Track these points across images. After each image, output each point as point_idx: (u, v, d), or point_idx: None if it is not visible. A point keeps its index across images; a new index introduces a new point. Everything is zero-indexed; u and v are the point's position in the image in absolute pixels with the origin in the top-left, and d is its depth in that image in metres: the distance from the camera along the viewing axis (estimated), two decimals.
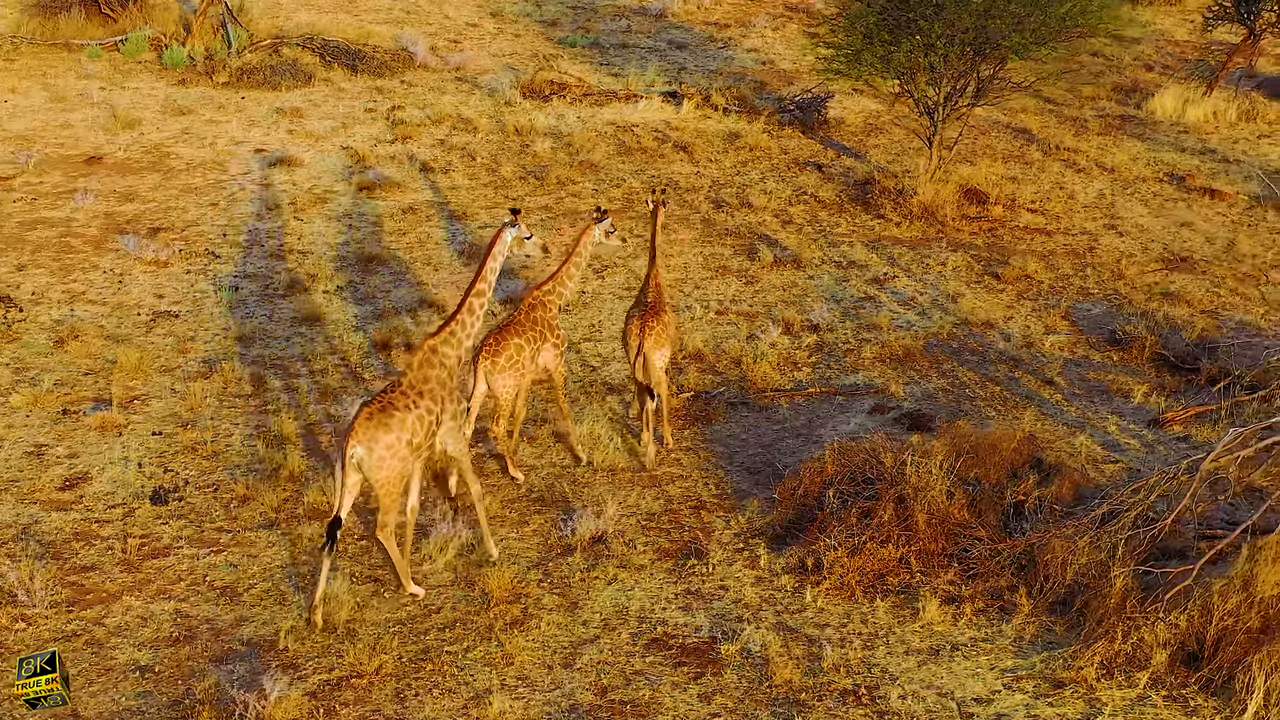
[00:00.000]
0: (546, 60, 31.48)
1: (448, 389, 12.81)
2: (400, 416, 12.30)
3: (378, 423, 12.20)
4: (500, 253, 13.37)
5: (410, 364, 12.69)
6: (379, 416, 12.23)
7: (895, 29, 22.29)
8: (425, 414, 12.51)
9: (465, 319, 12.96)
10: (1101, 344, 18.18)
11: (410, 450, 12.38)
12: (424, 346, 12.76)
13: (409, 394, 12.47)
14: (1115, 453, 15.56)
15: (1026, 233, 22.05)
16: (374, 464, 12.16)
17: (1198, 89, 28.36)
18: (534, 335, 14.56)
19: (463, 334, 12.95)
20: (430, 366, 12.68)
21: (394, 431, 12.22)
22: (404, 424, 12.30)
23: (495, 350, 14.28)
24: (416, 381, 12.59)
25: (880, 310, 19.08)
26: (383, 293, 19.17)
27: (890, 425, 16.13)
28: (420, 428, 12.45)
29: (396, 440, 12.23)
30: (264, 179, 23.43)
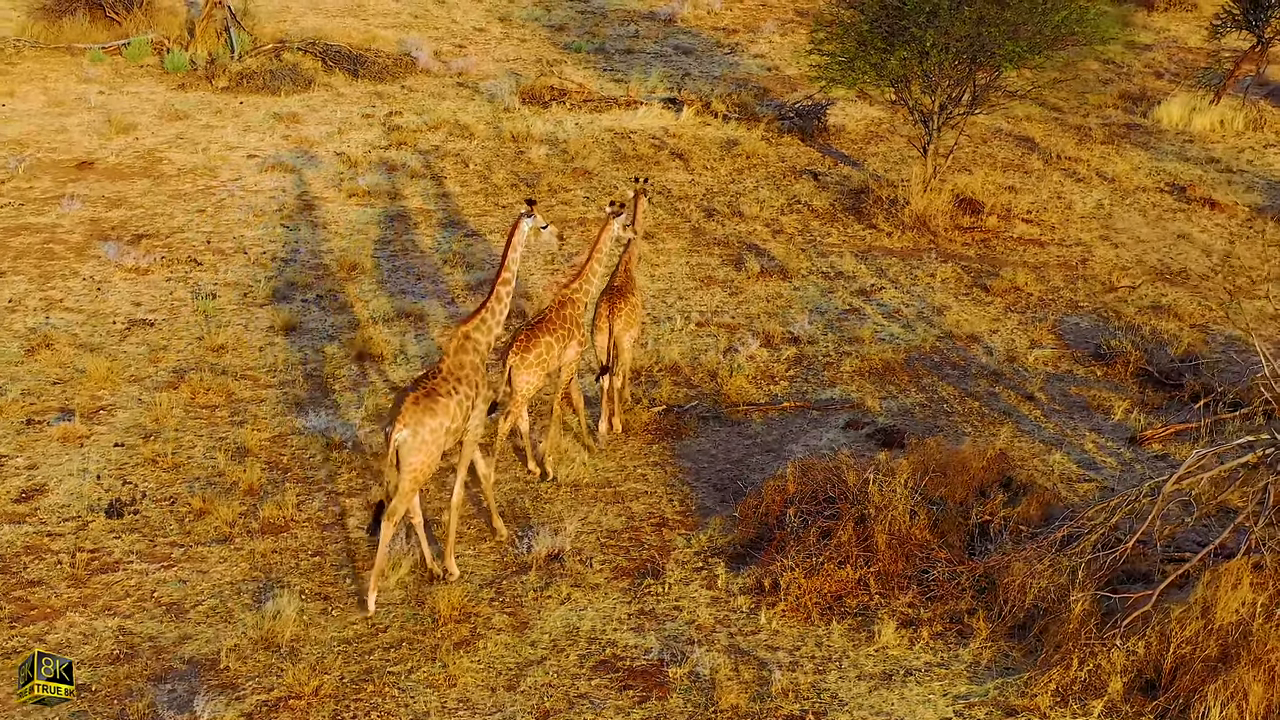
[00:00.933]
0: (550, 66, 31.27)
1: (480, 374, 13.20)
2: (444, 402, 12.65)
3: (424, 408, 12.52)
4: (519, 243, 13.67)
5: (447, 350, 13.03)
6: (425, 402, 12.56)
7: (889, 36, 21.98)
8: (464, 399, 12.90)
9: (495, 306, 13.38)
10: (1086, 358, 17.89)
11: (447, 436, 12.70)
12: (459, 334, 13.12)
13: (449, 380, 12.82)
14: (1090, 471, 15.27)
15: (1020, 243, 21.74)
16: (415, 446, 12.43)
17: (1205, 97, 27.96)
18: (564, 333, 14.88)
19: (493, 320, 13.36)
20: (465, 353, 13.08)
21: (438, 417, 12.56)
22: (446, 410, 12.65)
23: (526, 347, 14.54)
24: (454, 368, 12.94)
25: (864, 323, 18.81)
26: (362, 302, 18.98)
27: (863, 441, 15.87)
28: (459, 413, 12.84)
29: (439, 426, 12.56)
30: (254, 185, 23.27)
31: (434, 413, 12.54)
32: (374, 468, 15.04)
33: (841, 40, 22.61)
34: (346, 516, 14.14)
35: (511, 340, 14.52)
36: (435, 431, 12.54)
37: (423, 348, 17.78)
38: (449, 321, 18.52)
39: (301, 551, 13.58)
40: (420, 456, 12.51)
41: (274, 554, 13.49)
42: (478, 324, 13.25)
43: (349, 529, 13.95)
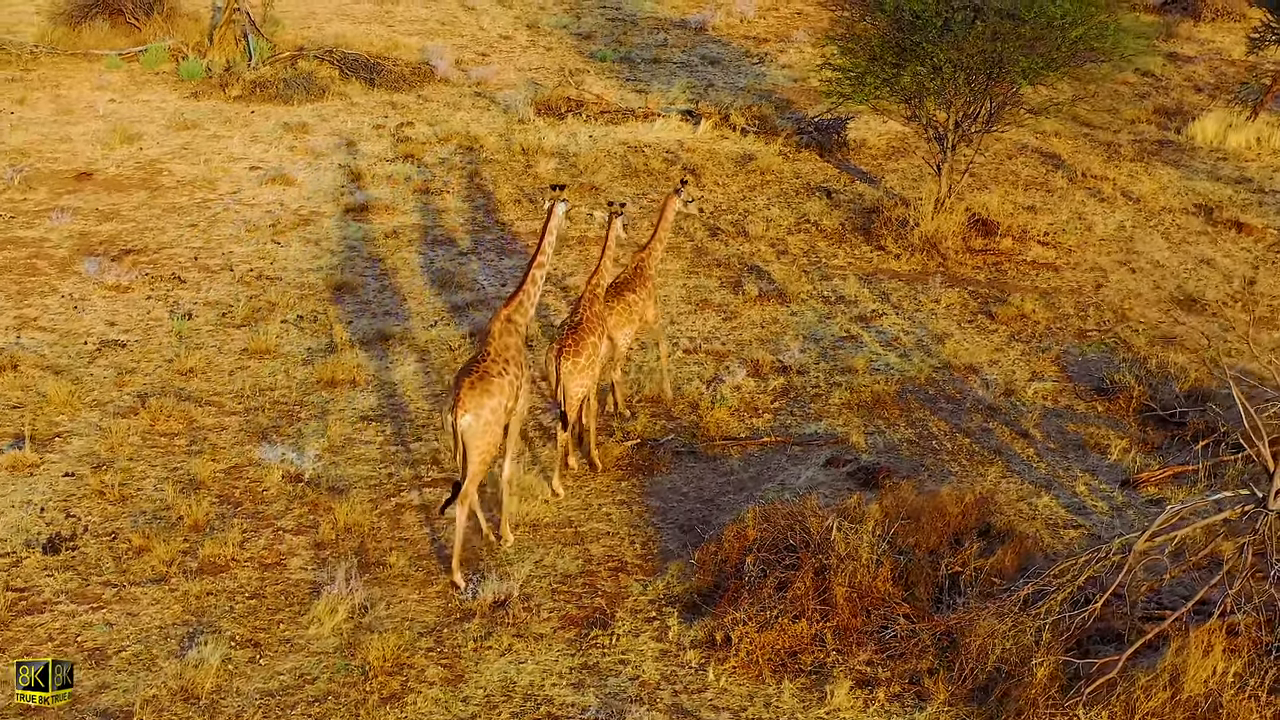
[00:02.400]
0: (572, 75, 30.65)
1: (523, 354, 13.67)
2: (498, 382, 13.09)
3: (481, 390, 12.96)
4: (555, 226, 14.23)
5: (492, 333, 13.43)
6: (480, 384, 12.99)
7: (901, 51, 21.20)
8: (513, 379, 13.29)
9: (530, 289, 13.83)
10: (1088, 393, 17.09)
11: (504, 415, 13.15)
12: (500, 317, 13.58)
13: (498, 361, 13.22)
14: (1078, 516, 14.50)
15: (1033, 267, 20.93)
16: (480, 429, 12.88)
17: (1241, 113, 26.96)
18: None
19: (529, 303, 13.81)
20: (509, 335, 13.50)
21: (495, 397, 13.02)
22: (501, 389, 13.11)
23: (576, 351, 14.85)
24: (500, 350, 13.34)
25: (859, 351, 18.08)
26: (343, 323, 18.38)
27: (842, 480, 15.17)
28: (511, 392, 13.25)
29: (498, 405, 13.02)
30: (252, 198, 22.78)
31: (490, 393, 12.98)
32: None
33: (853, 54, 21.76)
34: (291, 556, 13.56)
35: (559, 348, 14.66)
36: (495, 411, 13.02)
37: (399, 374, 17.14)
38: (428, 345, 17.90)
39: (238, 594, 12.99)
40: (486, 438, 12.97)
41: (209, 596, 12.92)
42: (516, 306, 13.69)
43: (291, 570, 13.36)
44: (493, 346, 13.36)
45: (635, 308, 15.94)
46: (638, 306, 15.97)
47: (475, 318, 18.63)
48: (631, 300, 15.91)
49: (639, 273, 16.27)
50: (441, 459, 15.40)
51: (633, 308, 15.91)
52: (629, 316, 15.86)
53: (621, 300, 15.80)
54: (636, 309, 15.95)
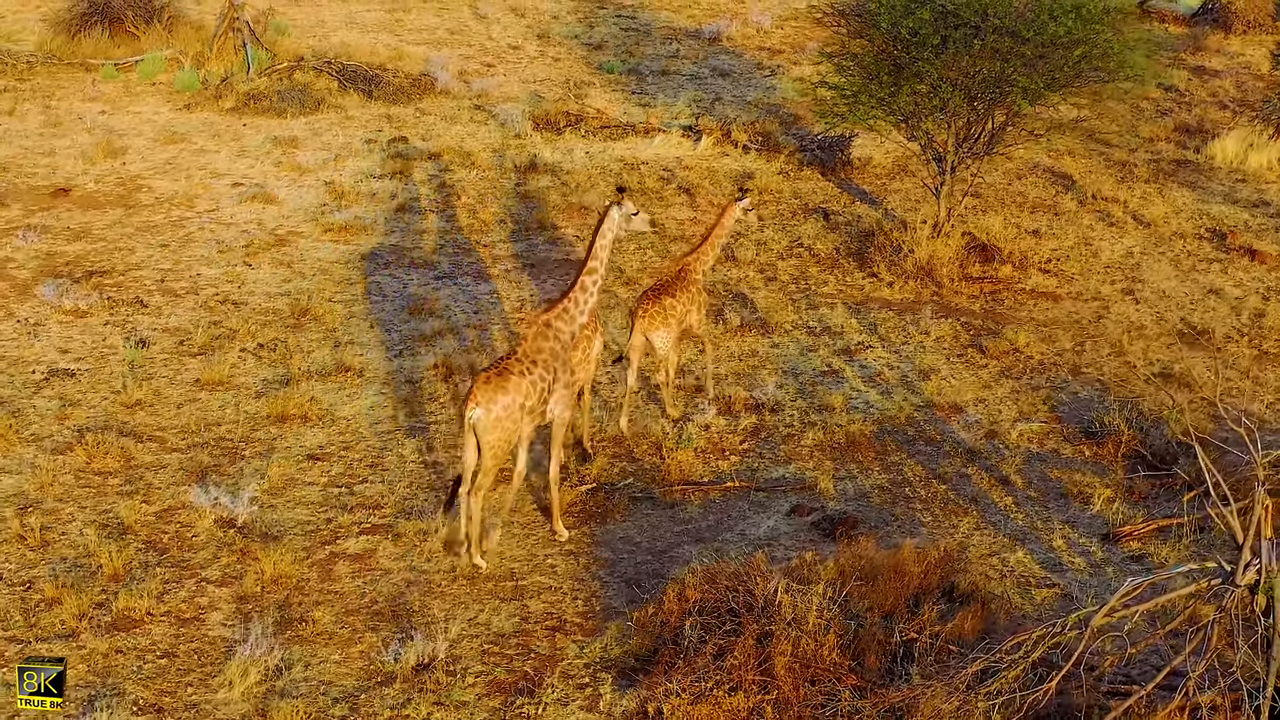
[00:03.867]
0: (577, 87, 29.91)
1: (560, 360, 13.66)
2: (516, 381, 13.14)
3: (495, 385, 13.05)
4: (609, 230, 14.07)
5: (526, 335, 13.54)
6: (496, 380, 13.10)
7: (897, 70, 20.29)
8: (538, 380, 13.33)
9: (578, 296, 13.77)
10: (1076, 435, 16.15)
11: (522, 414, 13.22)
12: (539, 321, 13.62)
13: (523, 361, 13.32)
14: (1053, 573, 13.60)
15: (1032, 297, 19.99)
16: (490, 424, 12.98)
17: (1264, 132, 25.88)
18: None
19: (575, 310, 13.74)
20: (544, 339, 13.52)
21: (510, 394, 13.07)
22: (519, 388, 13.14)
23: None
24: (531, 351, 13.42)
25: (839, 387, 17.21)
26: (303, 353, 17.63)
27: (805, 531, 14.33)
28: (533, 392, 13.29)
29: (511, 402, 13.06)
30: (229, 217, 22.09)
31: (505, 390, 13.03)
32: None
33: (848, 73, 20.86)
34: (211, 610, 12.78)
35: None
36: (508, 409, 13.05)
37: (354, 409, 16.37)
38: (389, 378, 17.12)
39: (149, 652, 12.25)
40: (496, 434, 13.03)
41: (117, 654, 12.19)
42: (559, 312, 13.67)
43: (209, 625, 12.58)
44: (523, 348, 13.41)
45: (672, 312, 15.92)
46: (675, 311, 15.94)
47: (443, 347, 17.82)
48: (669, 304, 15.91)
49: (681, 277, 16.26)
50: (383, 500, 14.60)
51: (669, 312, 15.90)
52: (664, 320, 15.86)
53: (658, 303, 15.83)
54: (674, 313, 15.94)
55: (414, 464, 15.35)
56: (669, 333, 15.99)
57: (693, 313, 16.26)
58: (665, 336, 16.00)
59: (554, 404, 13.77)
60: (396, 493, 14.74)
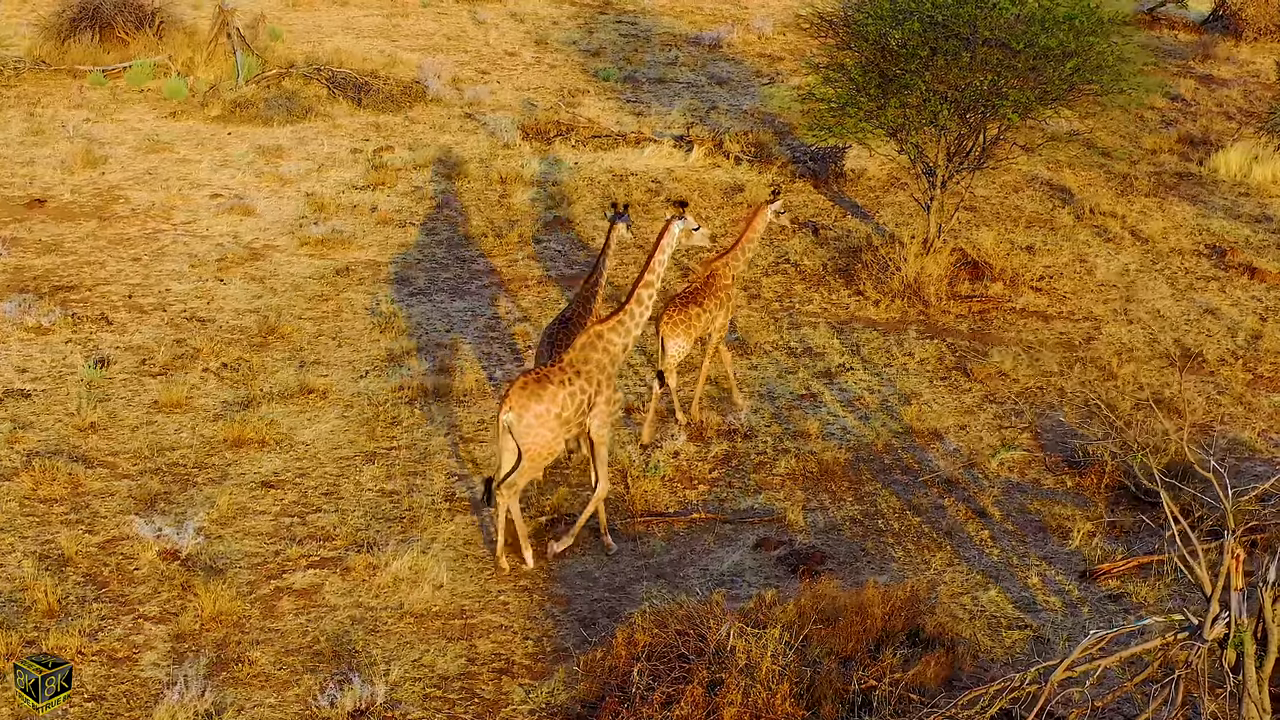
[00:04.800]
0: (571, 96, 29.40)
1: (606, 374, 13.49)
2: (553, 390, 13.03)
3: (530, 392, 13.01)
4: (668, 245, 13.99)
5: (575, 344, 13.41)
6: (532, 386, 13.07)
7: (885, 82, 19.72)
8: (578, 391, 13.21)
9: (634, 309, 13.63)
10: (1059, 464, 15.54)
11: (559, 423, 13.09)
12: (590, 331, 13.51)
13: (566, 370, 13.23)
14: (1026, 614, 13.02)
15: (1022, 316, 19.40)
16: (522, 430, 12.99)
17: (1269, 144, 25.23)
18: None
19: (630, 323, 13.64)
20: (593, 350, 13.40)
21: (544, 402, 12.98)
22: (555, 397, 13.03)
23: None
24: (576, 361, 13.33)
25: (817, 412, 16.66)
26: (266, 374, 17.13)
27: (771, 566, 13.80)
28: (571, 403, 13.15)
29: (545, 411, 12.98)
30: (205, 229, 21.61)
31: (540, 398, 12.96)
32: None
33: (836, 84, 20.29)
34: (146, 649, 12.30)
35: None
36: (542, 416, 13.01)
37: (313, 433, 15.86)
38: (352, 400, 16.61)
39: (77, 695, 11.79)
40: (531, 439, 13.02)
41: None
42: (614, 325, 13.56)
43: (142, 666, 12.09)
44: (569, 356, 13.38)
45: (695, 320, 15.73)
46: (699, 320, 15.75)
47: (410, 368, 17.30)
48: (694, 313, 15.70)
49: (709, 282, 16.04)
50: (335, 532, 14.10)
51: (692, 320, 15.70)
52: (686, 327, 15.65)
53: (684, 312, 15.59)
54: (697, 322, 15.75)
55: (371, 492, 14.86)
56: (686, 341, 15.75)
57: (719, 318, 16.01)
58: (681, 345, 15.75)
59: (592, 418, 13.64)
60: (349, 523, 14.23)
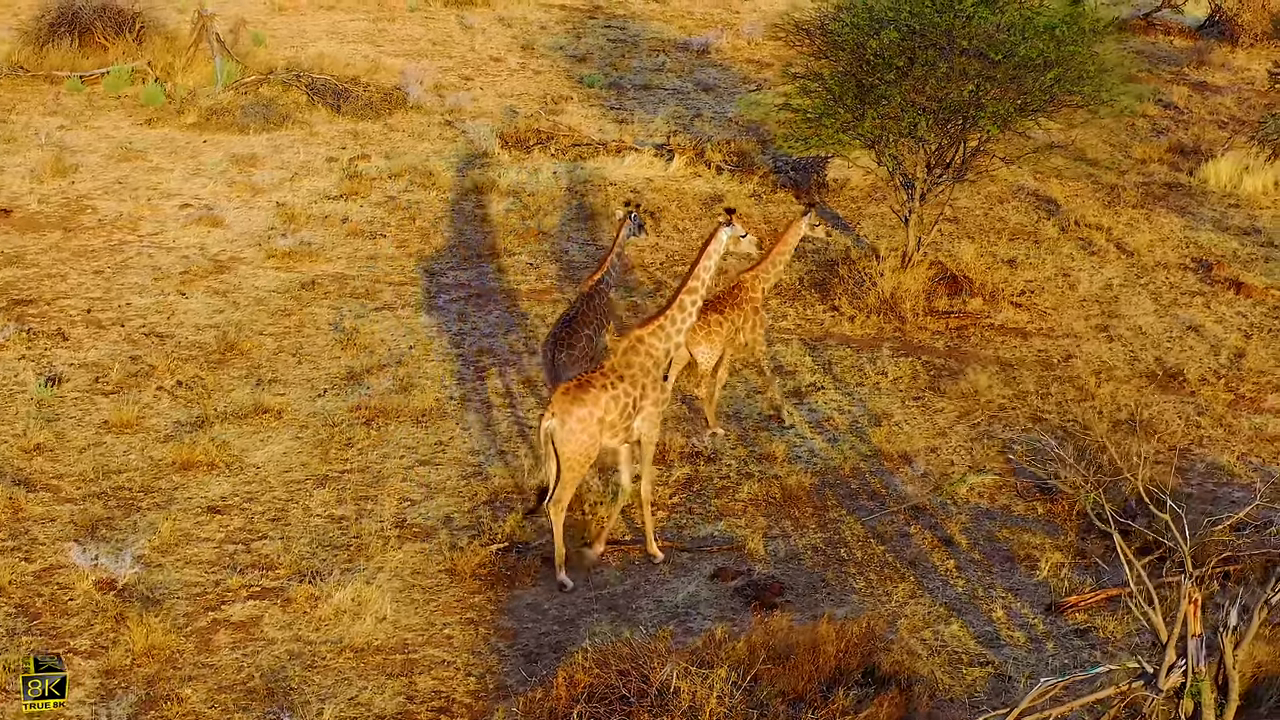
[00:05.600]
0: (554, 103, 28.95)
1: (651, 377, 13.50)
2: (595, 394, 13.01)
3: (573, 398, 12.96)
4: (715, 251, 14.00)
5: (616, 349, 13.44)
6: (575, 392, 13.03)
7: (862, 92, 19.24)
8: (622, 395, 13.18)
9: (675, 315, 13.62)
10: (1031, 490, 15.06)
11: (601, 428, 13.06)
12: (631, 336, 13.51)
13: (609, 375, 13.24)
14: (990, 649, 12.58)
15: (1000, 333, 18.94)
16: (564, 436, 12.89)
17: (1260, 154, 24.72)
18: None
19: (672, 329, 13.61)
20: (635, 354, 13.40)
21: (587, 407, 12.93)
22: (598, 401, 13.00)
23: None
24: (619, 365, 13.33)
25: (783, 434, 16.22)
26: (221, 392, 16.69)
27: (728, 597, 13.36)
28: (614, 407, 13.12)
29: (588, 416, 12.94)
30: (172, 240, 21.20)
31: (583, 403, 12.91)
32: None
33: (812, 94, 19.82)
34: (73, 686, 11.81)
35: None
36: (584, 421, 12.93)
37: (265, 454, 15.43)
38: (308, 420, 16.18)
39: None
40: (571, 446, 12.93)
41: None
42: (654, 329, 13.53)
43: (67, 705, 11.61)
44: (610, 362, 13.35)
45: (718, 329, 15.74)
46: (721, 328, 15.75)
47: (369, 387, 16.85)
48: (714, 320, 15.68)
49: (735, 293, 16.10)
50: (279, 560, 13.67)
51: (713, 328, 15.69)
52: (708, 335, 15.65)
53: (704, 319, 15.45)
54: (719, 331, 15.75)
55: (319, 518, 14.44)
56: (711, 349, 15.77)
57: (745, 331, 16.01)
58: (708, 352, 15.78)
59: (640, 422, 13.53)
60: (294, 551, 13.82)
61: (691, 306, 13.74)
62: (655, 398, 13.64)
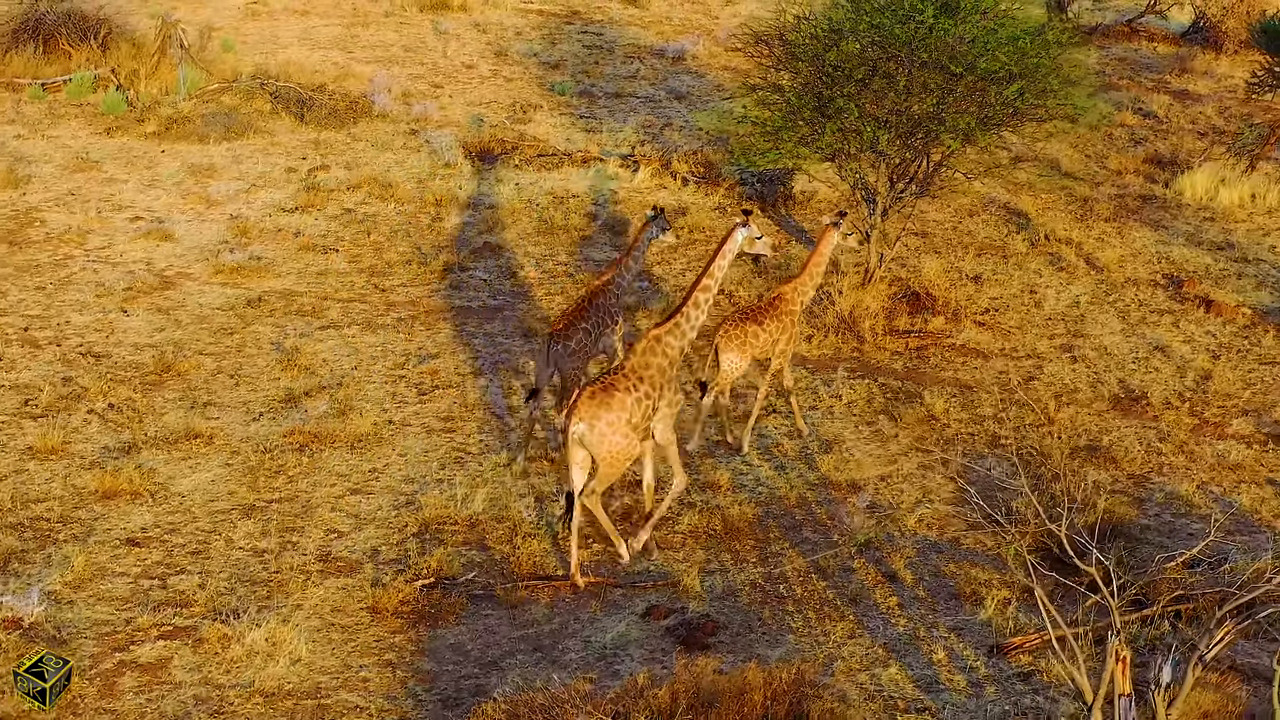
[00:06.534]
0: (523, 111, 28.41)
1: (667, 377, 13.60)
2: (620, 397, 13.13)
3: (599, 401, 13.07)
4: (730, 250, 14.13)
5: (634, 350, 13.50)
6: (600, 395, 13.13)
7: (821, 105, 18.71)
8: (644, 397, 13.33)
9: (690, 312, 13.70)
10: (981, 521, 14.47)
11: (630, 428, 13.15)
12: (648, 335, 13.56)
13: (630, 377, 13.31)
14: (928, 694, 12.05)
15: (961, 353, 18.41)
16: (595, 439, 13.06)
17: (1237, 166, 24.16)
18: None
19: (687, 326, 13.69)
20: (653, 354, 13.47)
21: (614, 410, 13.07)
22: (623, 404, 13.13)
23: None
24: (638, 367, 13.38)
25: (729, 461, 15.65)
26: (154, 415, 16.17)
27: (659, 637, 12.84)
28: (638, 410, 13.27)
29: (616, 419, 13.07)
30: (119, 255, 20.69)
31: (609, 406, 13.06)
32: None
33: (772, 106, 19.28)
34: None
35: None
36: (614, 424, 13.08)
37: (193, 482, 14.91)
38: (240, 445, 15.66)
39: None
40: (606, 446, 13.10)
41: None
42: (670, 328, 13.59)
43: None
44: (630, 363, 13.39)
45: (753, 339, 15.73)
46: (756, 339, 15.74)
47: (306, 410, 16.33)
48: (752, 330, 15.71)
49: (773, 306, 16.07)
50: (194, 597, 13.14)
51: (749, 338, 15.70)
52: (741, 344, 15.64)
53: (740, 328, 15.64)
54: (754, 341, 15.74)
55: (241, 551, 13.92)
56: (740, 358, 15.73)
57: (780, 343, 16.00)
58: (737, 361, 15.73)
59: (655, 422, 13.62)
60: (211, 587, 13.31)
61: (705, 304, 13.78)
62: (670, 398, 13.70)
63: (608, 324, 16.08)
